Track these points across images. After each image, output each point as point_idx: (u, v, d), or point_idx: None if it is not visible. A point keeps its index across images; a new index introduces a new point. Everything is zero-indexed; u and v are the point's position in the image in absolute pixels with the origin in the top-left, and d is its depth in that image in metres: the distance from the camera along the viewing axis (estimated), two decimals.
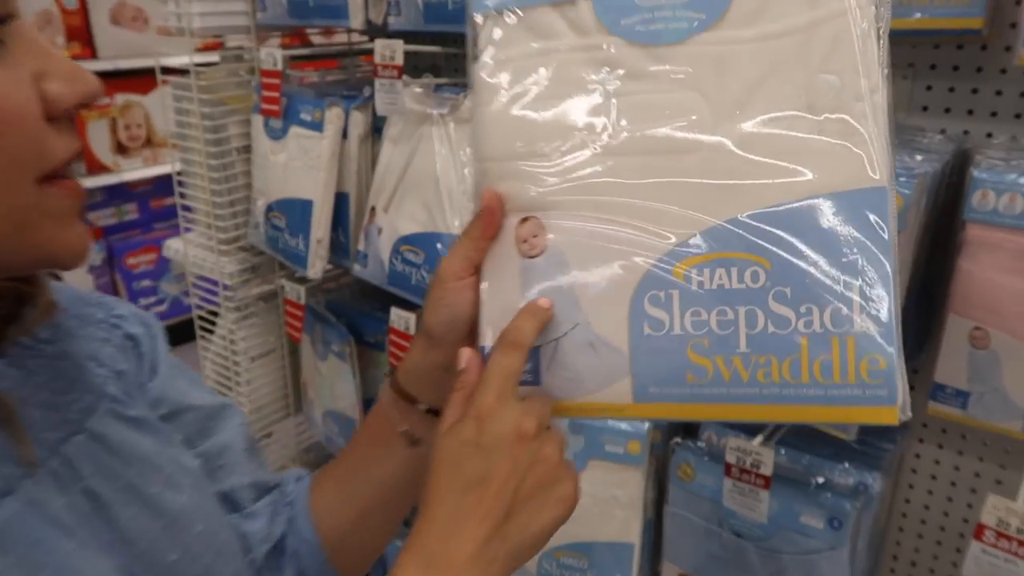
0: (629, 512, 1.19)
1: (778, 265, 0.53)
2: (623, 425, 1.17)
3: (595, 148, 0.57)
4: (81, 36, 3.12)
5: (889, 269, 0.52)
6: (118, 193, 3.66)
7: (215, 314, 1.73)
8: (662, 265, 0.55)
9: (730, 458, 1.05)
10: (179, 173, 1.68)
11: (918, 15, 0.90)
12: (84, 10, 3.11)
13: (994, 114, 1.07)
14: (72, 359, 0.51)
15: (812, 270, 0.52)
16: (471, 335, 0.58)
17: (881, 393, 0.52)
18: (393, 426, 0.63)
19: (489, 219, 0.57)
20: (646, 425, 1.17)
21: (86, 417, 0.49)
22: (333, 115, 1.34)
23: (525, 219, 0.58)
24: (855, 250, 0.52)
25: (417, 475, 0.61)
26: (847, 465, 1.09)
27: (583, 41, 0.58)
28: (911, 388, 0.59)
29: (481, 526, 0.47)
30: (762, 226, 0.53)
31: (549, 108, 0.58)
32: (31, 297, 0.49)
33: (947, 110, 1.11)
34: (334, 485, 0.66)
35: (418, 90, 1.28)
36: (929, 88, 1.11)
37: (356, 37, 1.72)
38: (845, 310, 0.52)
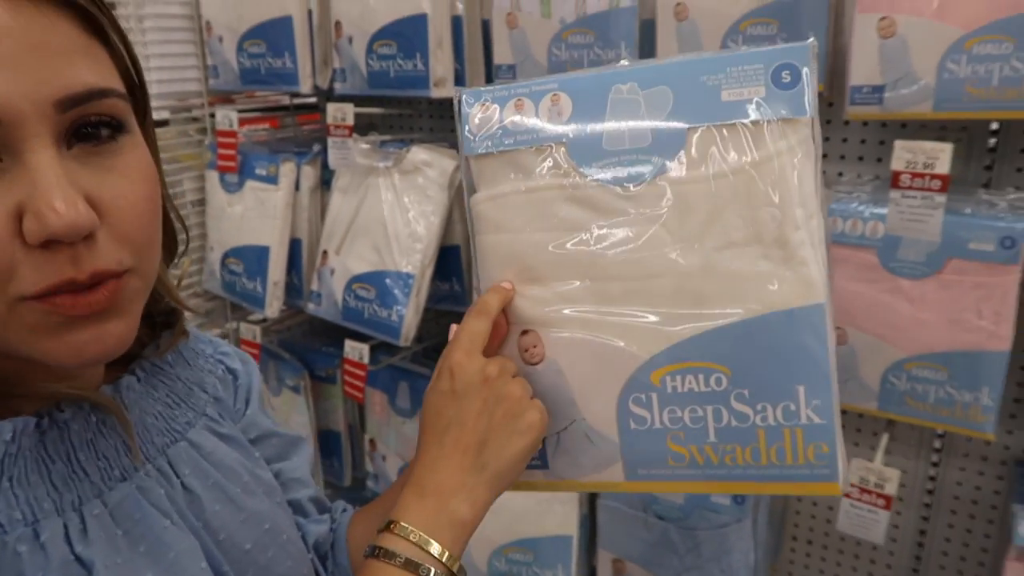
0: (567, 507, 1.36)
1: (737, 371, 0.62)
2: None
3: (581, 277, 0.66)
4: None
5: (828, 371, 0.61)
6: None
7: None
8: (641, 373, 0.64)
9: None
10: None
11: None
12: None
13: (842, 156, 1.33)
14: (184, 383, 0.61)
15: (765, 375, 0.62)
16: None
17: (825, 472, 0.63)
18: None
19: (498, 331, 0.67)
20: None
21: (187, 429, 0.59)
22: (287, 169, 1.49)
23: (525, 331, 0.67)
24: (800, 358, 0.61)
25: None
26: None
27: (561, 181, 0.66)
28: None
29: (464, 458, 0.58)
30: (723, 340, 0.62)
31: (538, 240, 0.67)
32: (170, 326, 0.60)
33: None
34: (367, 526, 0.73)
35: (365, 146, 1.45)
36: None
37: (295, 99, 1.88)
38: (793, 407, 0.62)
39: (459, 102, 0.69)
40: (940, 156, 0.93)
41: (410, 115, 1.76)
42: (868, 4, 1.03)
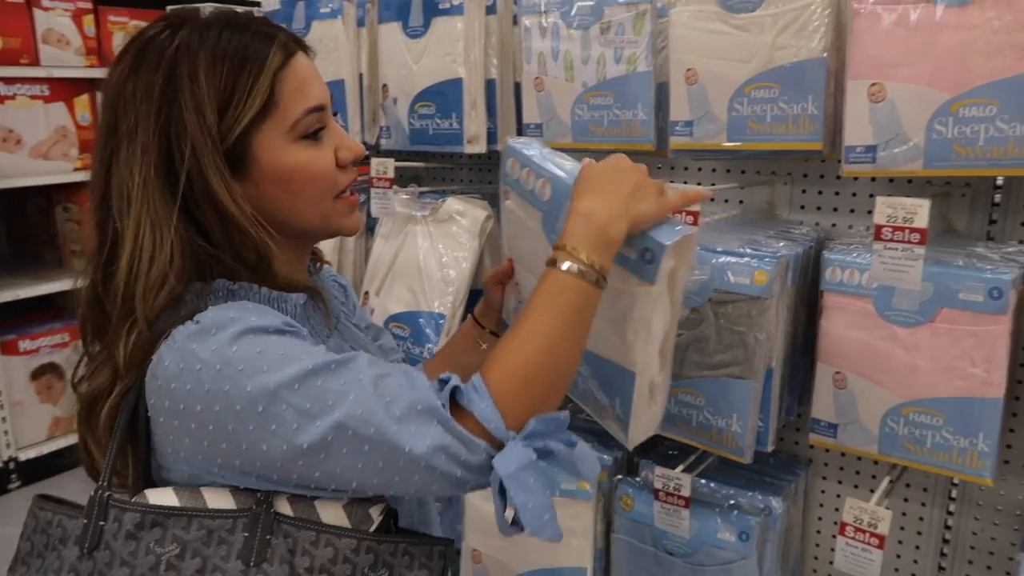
0: (582, 540, 1.42)
1: (600, 382, 1.01)
2: None
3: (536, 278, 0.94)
4: (92, 148, 3.46)
5: (633, 395, 0.95)
6: None
7: None
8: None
9: (657, 484, 1.29)
10: None
11: (786, 140, 1.22)
12: (96, 125, 3.46)
13: (852, 210, 1.39)
14: (327, 290, 0.93)
15: (610, 386, 1.00)
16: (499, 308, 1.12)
17: (622, 436, 1.00)
18: (473, 338, 1.13)
19: (507, 271, 1.09)
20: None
21: (337, 319, 0.93)
22: None
23: (517, 284, 1.08)
24: (619, 384, 0.97)
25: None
26: (755, 492, 1.33)
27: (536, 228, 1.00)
28: (797, 429, 0.85)
29: (617, 202, 0.83)
30: (601, 364, 0.99)
31: (522, 245, 1.05)
32: (319, 255, 0.98)
33: (818, 208, 1.43)
34: (434, 368, 1.07)
35: (405, 196, 1.59)
36: (804, 191, 1.44)
37: None
38: (611, 403, 1.02)
39: (505, 148, 1.05)
40: (918, 211, 0.99)
41: (451, 168, 1.90)
42: (859, 71, 1.11)
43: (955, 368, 1.10)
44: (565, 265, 0.78)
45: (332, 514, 0.73)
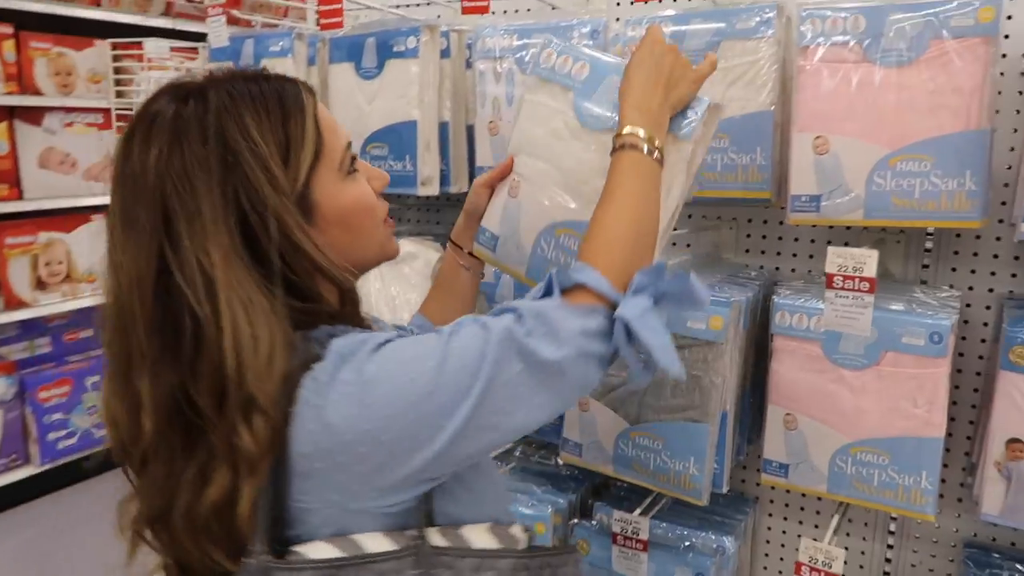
0: None
1: None
2: (527, 510, 1.41)
3: (550, 162, 1.11)
4: (10, 179, 3.28)
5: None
6: (32, 327, 3.69)
7: None
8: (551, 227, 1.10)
9: (615, 528, 1.30)
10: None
11: (736, 188, 1.26)
12: (14, 155, 3.29)
13: (795, 255, 1.45)
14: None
15: None
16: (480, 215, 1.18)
17: None
18: (454, 263, 1.21)
19: (504, 170, 1.15)
20: (549, 509, 1.41)
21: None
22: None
23: (515, 178, 1.14)
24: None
25: (474, 285, 1.23)
26: (708, 532, 1.35)
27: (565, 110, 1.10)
28: (744, 467, 0.86)
29: (661, 91, 0.93)
30: None
31: (540, 133, 1.13)
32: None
33: (763, 251, 1.48)
34: (430, 309, 1.21)
35: None
36: (749, 236, 1.49)
37: None
38: None
39: (543, 42, 1.16)
40: (868, 261, 1.04)
41: (400, 208, 1.88)
42: (805, 124, 1.17)
43: (899, 409, 1.15)
44: (630, 144, 0.89)
45: (482, 539, 0.76)
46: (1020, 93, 1.23)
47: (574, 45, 1.14)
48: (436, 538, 0.74)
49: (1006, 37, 1.20)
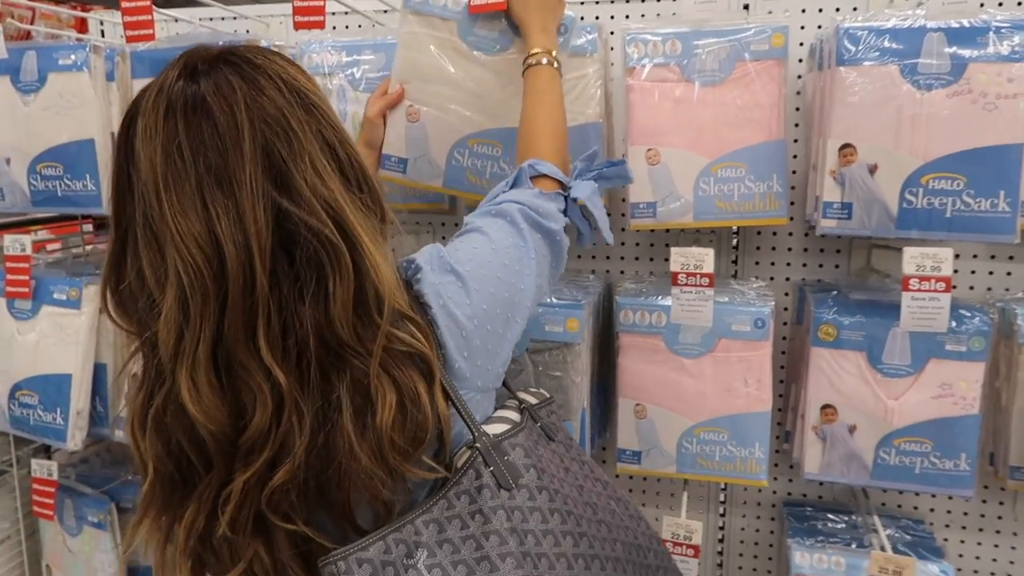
0: None
1: (505, 147, 1.29)
2: None
3: (447, 85, 1.27)
4: None
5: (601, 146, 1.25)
6: None
7: None
8: (464, 139, 1.28)
9: None
10: None
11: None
12: None
13: (622, 257, 1.56)
14: None
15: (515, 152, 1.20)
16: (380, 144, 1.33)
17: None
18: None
19: (397, 99, 1.29)
20: None
21: None
22: (91, 293, 1.43)
23: (411, 105, 1.29)
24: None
25: None
26: None
27: (452, 40, 1.27)
28: (602, 462, 0.93)
29: (548, 14, 1.17)
30: (502, 134, 1.27)
31: (429, 62, 1.28)
32: None
33: (593, 256, 1.58)
34: None
35: None
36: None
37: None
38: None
39: None
40: (706, 259, 1.15)
41: None
42: (637, 138, 1.27)
43: (733, 389, 1.28)
44: (545, 61, 1.12)
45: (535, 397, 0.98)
46: (797, 109, 1.43)
47: None
48: (526, 399, 0.95)
49: (800, 61, 1.39)
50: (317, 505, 0.74)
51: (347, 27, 1.64)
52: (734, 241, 1.50)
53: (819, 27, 1.37)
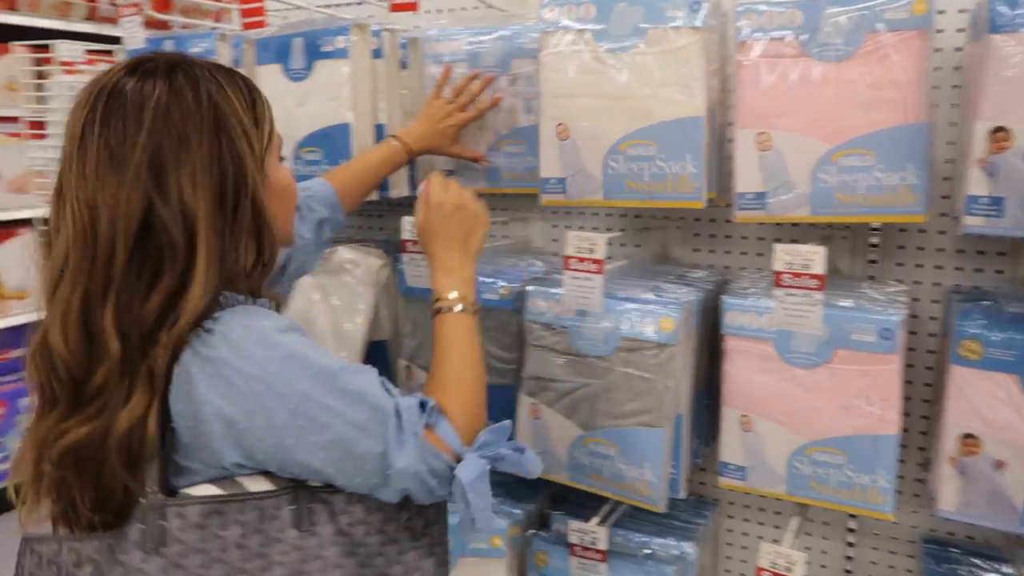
0: None
1: (660, 145, 1.20)
2: None
3: (591, 95, 1.23)
4: None
5: (702, 143, 1.17)
6: None
7: None
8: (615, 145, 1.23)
9: (573, 539, 1.26)
10: None
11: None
12: None
13: (743, 253, 1.43)
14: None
15: (672, 147, 1.19)
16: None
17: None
18: (399, 159, 1.37)
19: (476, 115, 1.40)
20: (505, 523, 1.37)
21: None
22: None
23: (560, 124, 1.26)
24: (688, 140, 1.18)
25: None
26: (668, 539, 1.32)
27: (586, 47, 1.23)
28: (702, 470, 0.82)
29: (458, 250, 1.04)
30: (653, 130, 1.20)
31: (569, 77, 1.26)
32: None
33: (711, 250, 1.46)
34: (343, 179, 1.33)
35: None
36: (697, 235, 1.47)
37: None
38: (683, 165, 1.20)
39: None
40: (815, 258, 1.02)
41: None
42: (747, 120, 1.14)
43: (853, 407, 1.13)
44: (458, 308, 0.99)
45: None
46: (954, 87, 1.23)
47: None
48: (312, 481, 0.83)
49: (939, 31, 1.20)
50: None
51: (464, 9, 1.62)
52: (874, 239, 1.32)
53: None
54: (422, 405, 0.86)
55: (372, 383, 0.83)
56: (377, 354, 1.54)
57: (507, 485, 1.50)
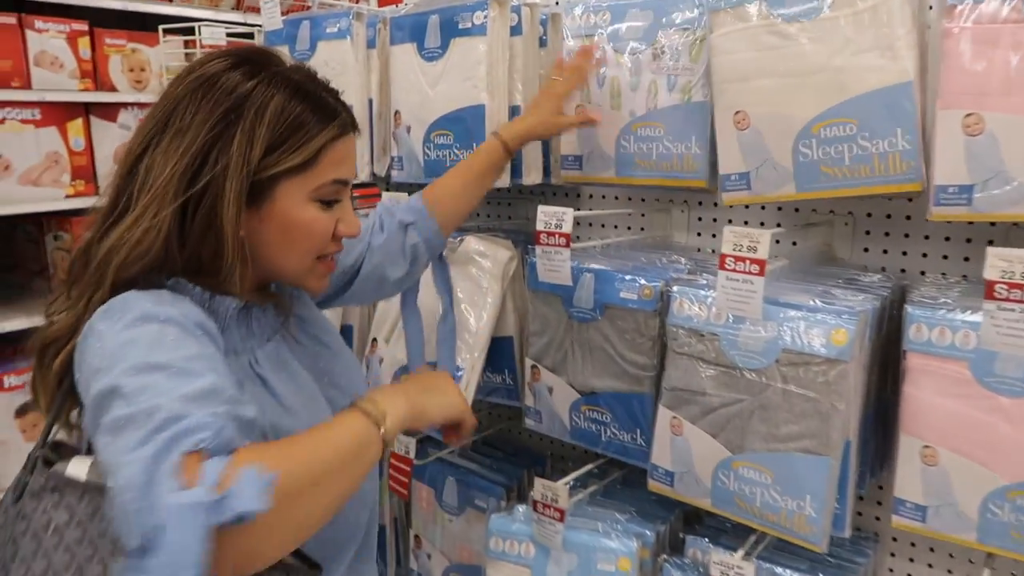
0: None
1: (862, 122, 1.04)
2: (613, 543, 1.25)
3: (770, 76, 1.09)
4: (86, 174, 3.30)
5: (915, 119, 1.00)
6: None
7: None
8: (807, 127, 1.07)
9: (714, 572, 1.12)
10: None
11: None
12: (90, 151, 3.31)
13: (924, 255, 1.23)
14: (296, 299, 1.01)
15: (877, 123, 1.03)
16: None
17: (912, 176, 1.01)
18: (497, 160, 1.26)
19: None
20: (635, 544, 1.24)
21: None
22: None
23: (737, 112, 1.13)
24: (898, 113, 1.01)
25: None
26: None
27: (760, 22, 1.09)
28: (860, 498, 0.67)
29: (412, 396, 0.88)
30: (851, 104, 1.04)
31: (742, 58, 1.12)
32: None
33: (884, 251, 1.27)
34: (450, 200, 1.25)
35: None
36: (868, 233, 1.28)
37: None
38: (893, 140, 1.03)
39: None
40: None
41: None
42: (951, 100, 0.96)
43: None
44: (377, 423, 0.81)
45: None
46: None
47: None
48: None
49: None
50: None
51: None
52: None
53: None
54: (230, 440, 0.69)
55: (177, 388, 0.69)
56: (501, 351, 1.44)
57: (637, 500, 1.38)
